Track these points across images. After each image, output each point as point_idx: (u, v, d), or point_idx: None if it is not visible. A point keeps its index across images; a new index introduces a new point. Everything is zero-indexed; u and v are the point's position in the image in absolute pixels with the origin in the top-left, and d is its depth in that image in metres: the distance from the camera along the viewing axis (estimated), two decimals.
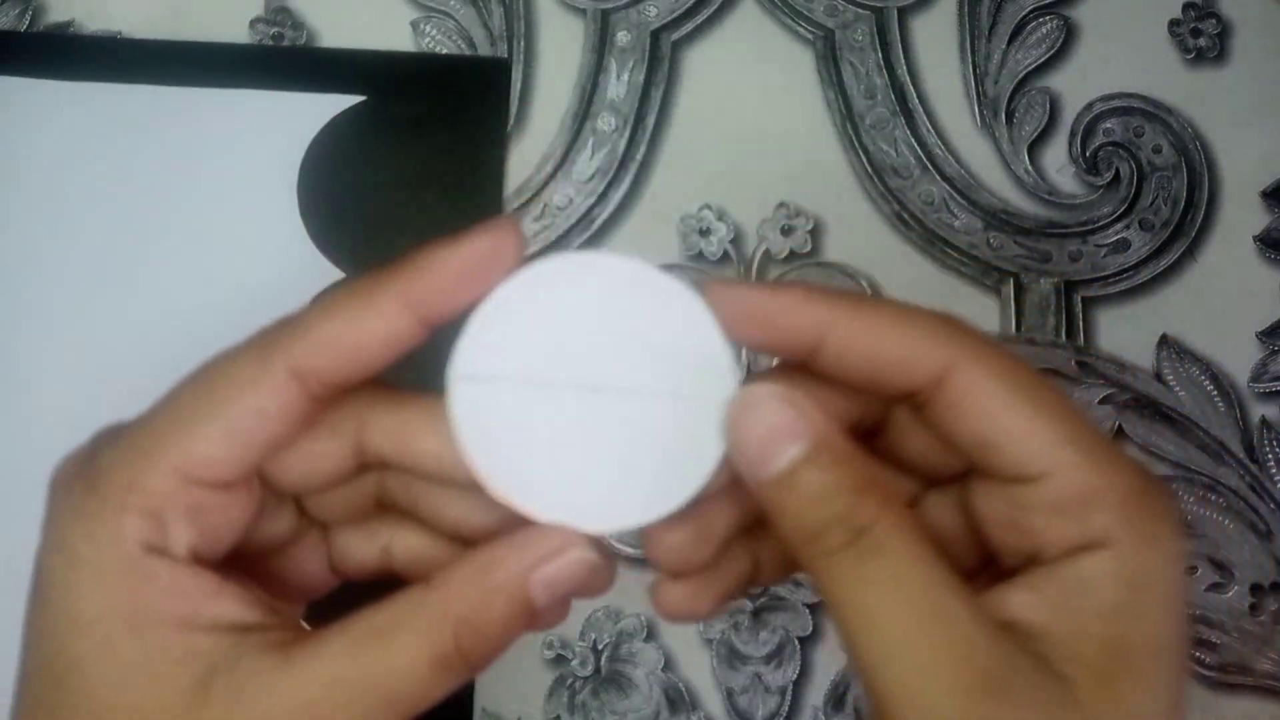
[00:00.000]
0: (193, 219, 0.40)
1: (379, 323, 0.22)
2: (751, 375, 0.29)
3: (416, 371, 0.24)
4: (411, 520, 0.26)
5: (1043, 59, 0.43)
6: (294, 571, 0.26)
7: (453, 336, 0.23)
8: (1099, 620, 0.20)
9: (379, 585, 0.24)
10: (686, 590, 0.24)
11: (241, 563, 0.24)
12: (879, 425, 0.25)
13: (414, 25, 0.42)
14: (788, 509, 0.21)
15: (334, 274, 0.40)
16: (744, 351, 0.39)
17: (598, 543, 0.23)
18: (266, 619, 0.22)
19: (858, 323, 0.22)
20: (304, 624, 0.26)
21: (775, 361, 0.25)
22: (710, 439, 0.23)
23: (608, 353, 0.23)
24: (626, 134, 0.42)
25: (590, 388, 0.23)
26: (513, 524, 0.23)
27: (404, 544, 0.26)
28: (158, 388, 0.39)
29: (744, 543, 0.25)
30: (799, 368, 0.23)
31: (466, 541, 0.25)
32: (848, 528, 0.21)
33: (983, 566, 0.24)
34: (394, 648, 0.21)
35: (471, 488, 0.23)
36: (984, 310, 0.41)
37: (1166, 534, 0.21)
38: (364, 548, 0.26)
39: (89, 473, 0.22)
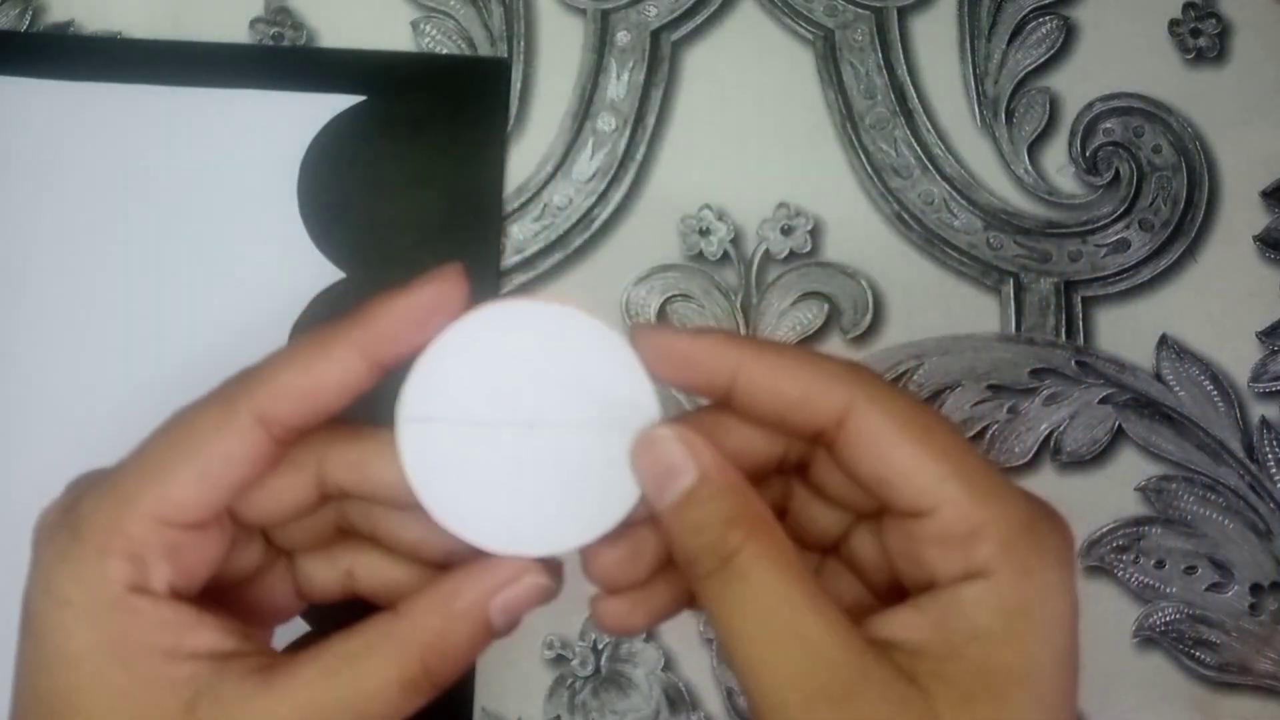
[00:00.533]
0: (193, 219, 0.40)
1: (334, 369, 0.24)
2: (680, 413, 0.31)
3: (370, 410, 0.26)
4: (371, 545, 0.28)
5: (1043, 59, 0.43)
6: (263, 599, 0.28)
7: (402, 376, 0.25)
8: (970, 643, 0.22)
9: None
10: (622, 605, 0.27)
11: (215, 593, 0.26)
12: (805, 462, 0.27)
13: (414, 25, 0.42)
14: (674, 537, 0.24)
15: (334, 274, 0.40)
16: (683, 395, 0.39)
17: (548, 565, 0.26)
18: (244, 646, 0.24)
19: (763, 365, 0.24)
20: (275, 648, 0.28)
21: (704, 402, 0.27)
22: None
23: (542, 392, 0.25)
24: (626, 134, 0.42)
25: (526, 425, 0.25)
26: (466, 547, 0.25)
27: (365, 568, 0.28)
28: (157, 387, 0.39)
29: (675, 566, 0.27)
30: (723, 408, 0.26)
31: (424, 563, 0.27)
32: (716, 555, 0.23)
33: (899, 595, 0.25)
34: (365, 672, 0.24)
35: (425, 513, 0.25)
36: (983, 310, 0.41)
37: (1045, 565, 0.23)
38: (328, 573, 0.28)
39: (72, 520, 0.24)
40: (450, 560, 0.26)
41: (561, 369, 0.25)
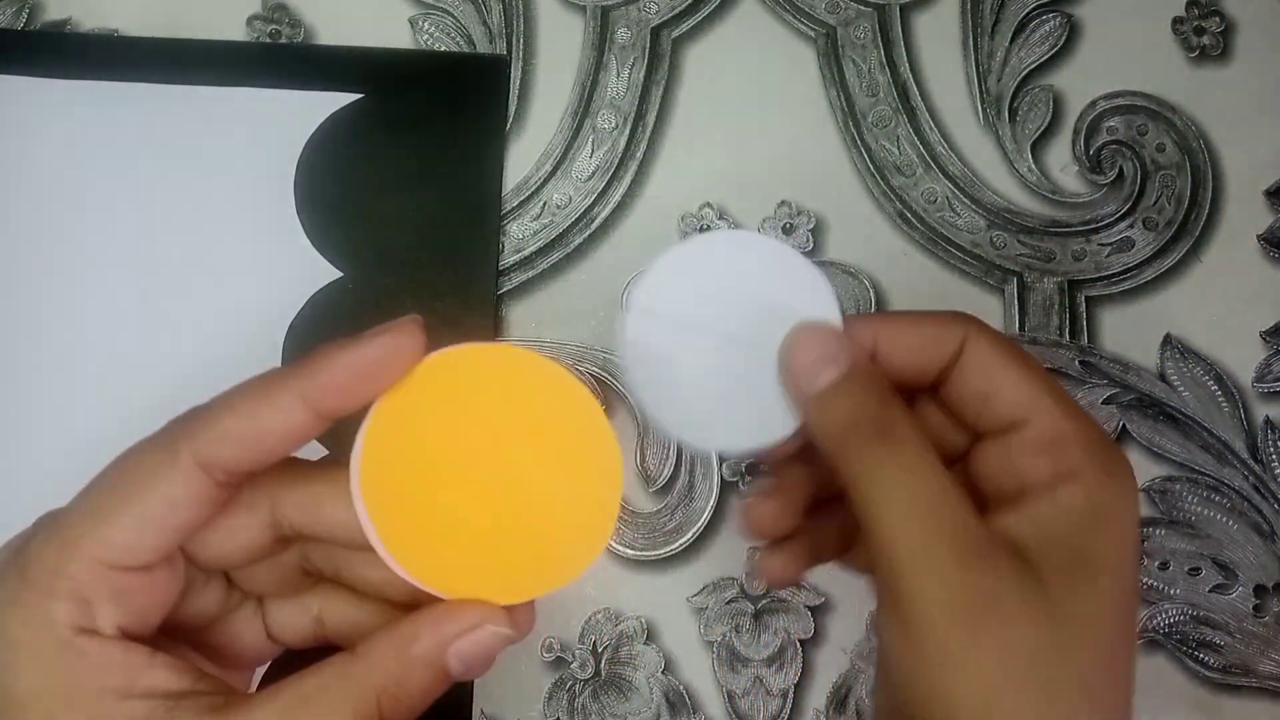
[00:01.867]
0: (190, 216, 0.40)
1: (277, 417, 0.24)
2: None
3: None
4: (338, 589, 0.28)
5: (1046, 57, 0.42)
6: (233, 642, 0.28)
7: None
8: (1067, 534, 0.25)
9: None
10: (780, 558, 0.30)
11: (180, 635, 0.26)
12: (937, 384, 0.29)
13: (412, 22, 0.42)
14: (827, 415, 0.27)
15: (331, 272, 0.40)
16: None
17: (517, 611, 0.26)
18: (198, 685, 0.24)
19: (892, 329, 0.28)
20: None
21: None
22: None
23: (743, 313, 0.28)
24: (626, 132, 0.42)
25: (724, 338, 0.28)
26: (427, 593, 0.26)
27: (334, 612, 0.28)
28: (156, 386, 0.39)
29: (820, 517, 0.31)
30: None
31: (390, 604, 0.28)
32: (877, 425, 0.26)
33: None
34: (321, 714, 0.24)
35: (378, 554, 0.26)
36: (987, 309, 0.41)
37: (1123, 471, 0.26)
38: (297, 618, 0.28)
39: (20, 562, 0.24)
40: (415, 601, 0.26)
41: (762, 295, 0.28)
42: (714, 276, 0.28)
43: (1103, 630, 0.25)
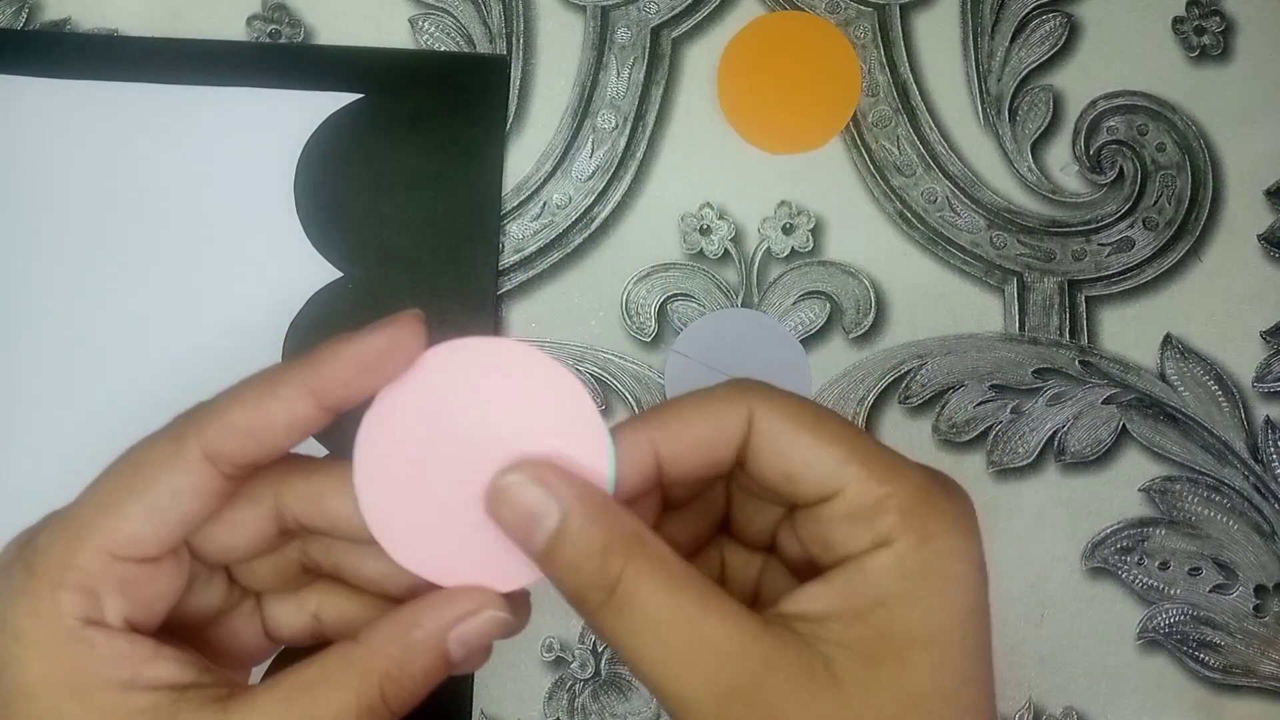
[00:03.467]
0: (190, 217, 0.40)
1: (283, 409, 0.24)
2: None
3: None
4: (337, 584, 0.28)
5: (1045, 56, 0.42)
6: (232, 640, 0.28)
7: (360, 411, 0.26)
8: (874, 607, 0.23)
9: None
10: None
11: (182, 632, 0.27)
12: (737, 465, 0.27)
13: (412, 22, 0.42)
14: (555, 579, 0.25)
15: (331, 272, 0.40)
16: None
17: (514, 597, 0.26)
18: (203, 677, 0.24)
19: (670, 432, 0.25)
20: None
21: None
22: None
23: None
24: (626, 132, 0.42)
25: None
26: (428, 583, 0.26)
27: (333, 608, 0.28)
28: (155, 385, 0.39)
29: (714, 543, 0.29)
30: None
31: (389, 599, 0.28)
32: (600, 588, 0.24)
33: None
34: (324, 700, 0.24)
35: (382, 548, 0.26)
36: (987, 309, 0.41)
37: (944, 531, 0.24)
38: (295, 615, 0.29)
39: (27, 554, 0.24)
40: (414, 595, 0.26)
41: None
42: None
43: (916, 709, 0.23)
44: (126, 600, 0.24)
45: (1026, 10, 0.43)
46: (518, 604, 0.26)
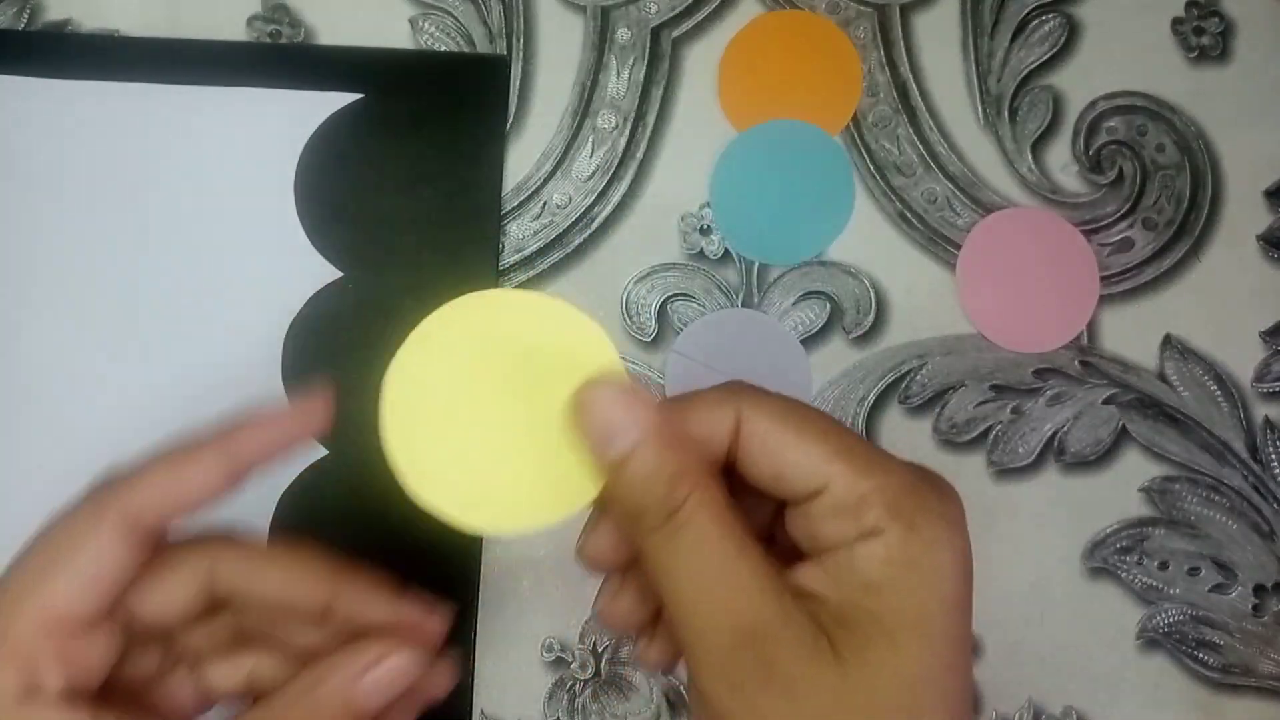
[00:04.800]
0: (190, 217, 0.40)
1: (199, 477, 0.27)
2: None
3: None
4: (270, 648, 0.30)
5: (1045, 57, 0.42)
6: (170, 700, 0.29)
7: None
8: (864, 593, 0.24)
9: None
10: (658, 646, 0.29)
11: (120, 692, 0.28)
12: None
13: (412, 22, 0.42)
14: (619, 492, 0.25)
15: (331, 272, 0.40)
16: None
17: (427, 648, 0.28)
18: None
19: (660, 430, 0.26)
20: None
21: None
22: None
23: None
24: (626, 132, 0.42)
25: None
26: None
27: (268, 669, 0.30)
28: (154, 385, 0.39)
29: None
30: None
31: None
32: (663, 510, 0.25)
33: None
34: None
35: (315, 616, 0.28)
36: None
37: (929, 523, 0.25)
38: (231, 675, 0.30)
39: None
40: None
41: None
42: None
43: (907, 690, 0.24)
44: (64, 668, 0.25)
45: (1026, 10, 0.43)
46: (424, 650, 0.28)
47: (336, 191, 0.40)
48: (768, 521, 0.28)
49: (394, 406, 0.26)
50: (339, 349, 0.39)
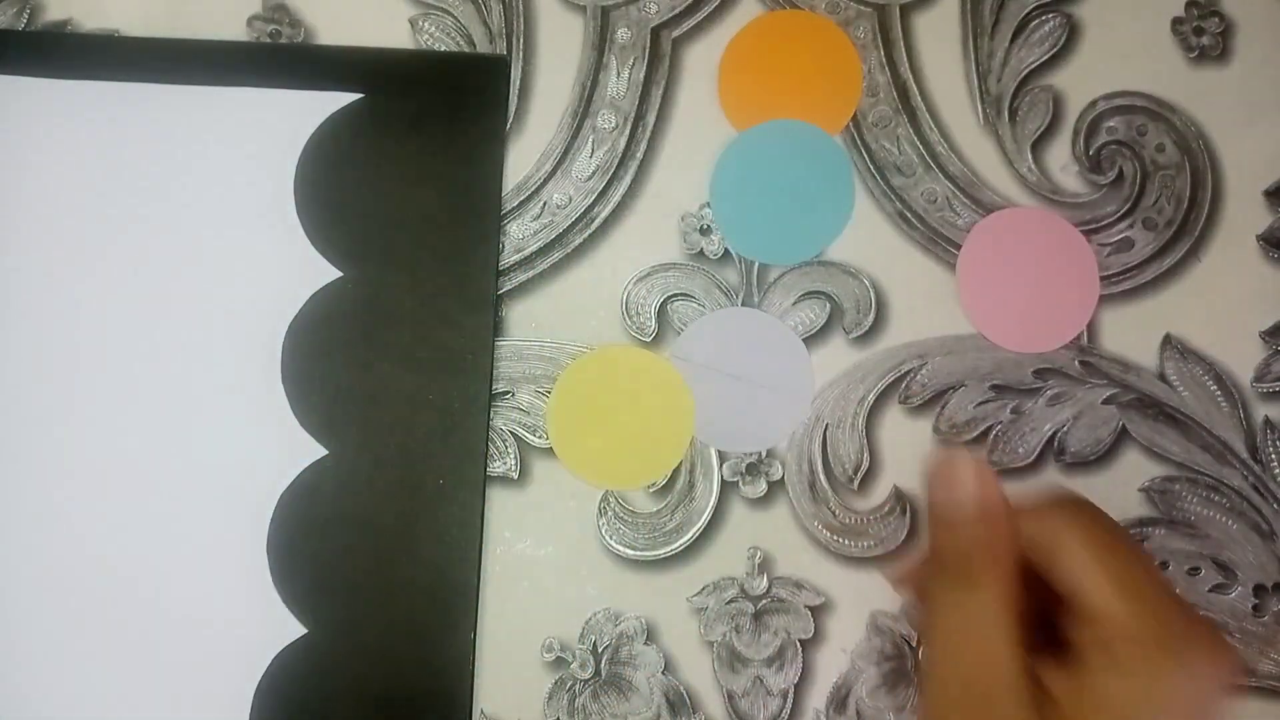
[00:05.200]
0: (189, 217, 0.40)
1: None
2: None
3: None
4: None
5: (1045, 57, 0.42)
6: None
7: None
8: (1094, 713, 0.28)
9: None
10: None
11: None
12: None
13: (412, 22, 0.42)
14: (937, 535, 0.31)
15: (331, 273, 0.40)
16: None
17: None
18: None
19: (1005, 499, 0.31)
20: None
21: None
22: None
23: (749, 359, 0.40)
24: (627, 132, 0.42)
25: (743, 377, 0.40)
26: None
27: None
28: (156, 385, 0.39)
29: None
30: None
31: None
32: (963, 566, 0.30)
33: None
34: None
35: None
36: None
37: (1170, 671, 0.28)
38: None
39: None
40: None
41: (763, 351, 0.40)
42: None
43: None
44: None
45: (1026, 10, 0.43)
46: None
47: (336, 191, 0.40)
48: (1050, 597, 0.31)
49: (555, 425, 0.39)
50: (339, 349, 0.39)
